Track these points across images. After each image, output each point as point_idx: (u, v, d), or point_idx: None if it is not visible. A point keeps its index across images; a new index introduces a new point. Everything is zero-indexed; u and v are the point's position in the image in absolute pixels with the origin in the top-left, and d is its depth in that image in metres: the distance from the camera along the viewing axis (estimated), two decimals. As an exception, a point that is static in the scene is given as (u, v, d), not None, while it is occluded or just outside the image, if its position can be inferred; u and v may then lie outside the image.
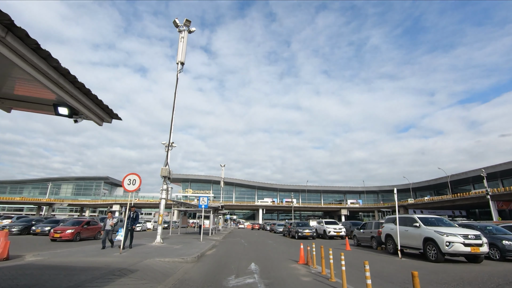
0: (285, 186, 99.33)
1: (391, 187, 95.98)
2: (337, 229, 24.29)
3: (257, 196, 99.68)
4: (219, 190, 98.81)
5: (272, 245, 18.39)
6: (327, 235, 24.36)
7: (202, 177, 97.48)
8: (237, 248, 15.77)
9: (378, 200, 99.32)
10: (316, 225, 26.83)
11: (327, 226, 24.76)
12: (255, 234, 34.74)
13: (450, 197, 68.77)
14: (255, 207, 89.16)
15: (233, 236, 29.19)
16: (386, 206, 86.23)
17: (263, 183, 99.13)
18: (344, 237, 24.49)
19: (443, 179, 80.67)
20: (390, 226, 13.82)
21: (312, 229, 24.46)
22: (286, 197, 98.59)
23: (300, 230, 24.13)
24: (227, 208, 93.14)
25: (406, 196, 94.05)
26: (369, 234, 16.49)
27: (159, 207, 15.99)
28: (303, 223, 26.92)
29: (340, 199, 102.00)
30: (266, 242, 20.56)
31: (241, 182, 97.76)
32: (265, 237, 28.25)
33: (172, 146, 16.89)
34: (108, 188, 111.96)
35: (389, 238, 13.56)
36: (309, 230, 24.16)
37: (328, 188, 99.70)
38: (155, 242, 15.34)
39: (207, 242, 16.98)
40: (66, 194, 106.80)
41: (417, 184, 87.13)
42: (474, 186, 77.11)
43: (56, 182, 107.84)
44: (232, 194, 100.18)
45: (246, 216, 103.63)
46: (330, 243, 19.86)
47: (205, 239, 20.35)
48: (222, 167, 56.02)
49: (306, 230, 24.08)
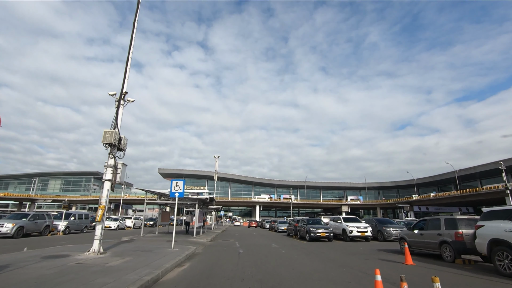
0: (283, 181, 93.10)
1: (393, 183, 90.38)
2: (362, 228, 18.06)
3: (254, 193, 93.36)
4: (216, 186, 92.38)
5: (282, 253, 12.07)
6: (348, 236, 18.12)
7: (196, 173, 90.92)
8: (227, 260, 9.43)
9: (379, 197, 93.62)
10: (332, 223, 20.57)
11: (348, 225, 18.51)
12: (253, 233, 28.43)
13: (457, 193, 63.18)
14: (252, 203, 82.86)
15: (226, 236, 22.86)
16: (389, 203, 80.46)
17: (260, 178, 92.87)
18: (369, 238, 18.30)
19: (448, 174, 75.20)
20: (498, 225, 7.54)
21: (328, 228, 18.22)
22: (284, 193, 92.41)
23: (312, 230, 17.88)
24: (222, 204, 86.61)
25: (407, 192, 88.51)
26: (435, 238, 10.20)
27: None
28: (315, 220, 20.64)
29: (340, 195, 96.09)
30: (271, 247, 14.27)
31: (237, 177, 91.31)
32: (267, 238, 21.93)
33: (127, 100, 10.47)
34: (98, 184, 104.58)
35: (500, 247, 7.31)
36: (325, 230, 17.91)
37: (327, 184, 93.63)
38: (89, 251, 8.95)
39: (182, 250, 10.62)
40: (54, 190, 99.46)
41: (421, 180, 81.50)
42: (481, 182, 71.77)
43: (44, 177, 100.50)
44: (228, 190, 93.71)
45: (242, 213, 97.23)
46: (357, 248, 13.62)
47: (185, 243, 13.97)
48: (216, 159, 49.54)
49: (321, 230, 17.84)
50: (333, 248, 14.01)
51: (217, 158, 50.24)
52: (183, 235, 20.43)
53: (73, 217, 21.98)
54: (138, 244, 13.04)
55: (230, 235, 24.91)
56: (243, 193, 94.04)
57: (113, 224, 29.47)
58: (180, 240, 16.15)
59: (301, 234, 20.02)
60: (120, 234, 22.49)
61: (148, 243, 13.38)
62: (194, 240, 16.88)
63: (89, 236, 19.63)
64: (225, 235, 23.98)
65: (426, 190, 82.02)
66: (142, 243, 13.35)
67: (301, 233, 20.14)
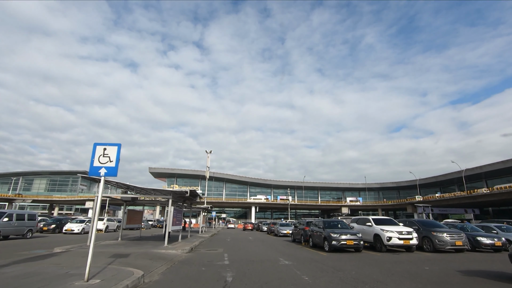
0: (279, 182, 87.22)
1: (394, 184, 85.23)
2: (404, 234, 12.41)
3: (249, 193, 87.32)
4: (210, 187, 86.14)
5: (305, 282, 6.32)
6: (384, 244, 12.48)
7: (189, 172, 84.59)
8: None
9: (379, 198, 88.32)
10: (358, 227, 14.83)
11: (384, 229, 12.85)
12: (249, 238, 22.64)
13: (465, 194, 58.23)
14: (248, 204, 76.89)
15: (214, 243, 17.04)
16: (391, 204, 75.28)
17: (256, 178, 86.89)
18: (413, 248, 12.69)
19: (452, 174, 70.26)
20: None
21: (357, 234, 12.55)
22: (281, 194, 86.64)
23: (334, 236, 12.20)
24: (216, 205, 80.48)
25: (408, 193, 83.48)
26: None
27: None
28: (334, 222, 14.85)
29: (338, 196, 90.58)
30: (279, 265, 8.51)
31: (232, 177, 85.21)
32: (268, 246, 16.16)
33: None
34: (86, 184, 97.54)
35: None
36: (352, 236, 12.25)
37: (325, 185, 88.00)
38: None
39: (108, 281, 4.86)
40: (39, 190, 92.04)
41: (423, 181, 76.42)
42: (487, 182, 66.98)
43: (28, 176, 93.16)
44: (222, 191, 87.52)
45: (237, 214, 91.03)
46: (417, 267, 7.89)
47: (137, 258, 8.16)
48: (207, 154, 43.72)
49: (346, 236, 12.16)
50: (378, 264, 8.37)
51: (209, 153, 44.41)
52: (155, 242, 14.60)
53: (7, 218, 15.92)
54: (29, 268, 7.21)
55: (220, 241, 19.09)
56: (238, 193, 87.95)
57: (76, 227, 23.40)
58: (137, 252, 10.33)
59: (315, 241, 14.30)
60: (74, 240, 16.51)
61: (50, 267, 7.56)
62: (162, 252, 11.06)
63: (16, 245, 13.64)
64: (213, 242, 18.14)
65: (428, 191, 77.02)
66: (41, 267, 7.52)
67: (314, 239, 14.42)
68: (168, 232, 12.74)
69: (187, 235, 19.29)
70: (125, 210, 16.18)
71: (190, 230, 20.43)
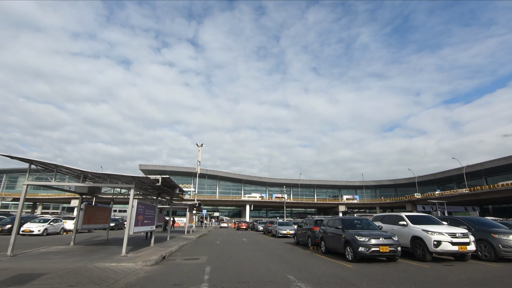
0: (274, 179, 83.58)
1: (391, 181, 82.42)
2: (459, 237, 8.80)
3: (243, 191, 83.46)
4: (203, 184, 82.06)
5: None
6: (430, 251, 8.83)
7: (181, 169, 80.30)
8: None
9: (376, 196, 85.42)
10: (386, 227, 11.12)
11: (428, 230, 9.20)
12: (243, 239, 18.85)
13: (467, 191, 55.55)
14: (242, 202, 73.03)
15: (197, 249, 13.20)
16: (389, 202, 72.39)
17: (250, 176, 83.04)
18: (467, 255, 9.09)
19: (451, 172, 67.62)
20: None
21: (392, 237, 8.90)
22: (276, 192, 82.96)
23: (361, 240, 8.53)
24: (210, 203, 76.55)
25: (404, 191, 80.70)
26: None
27: None
28: (356, 220, 11.06)
29: (334, 194, 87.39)
30: None
31: (226, 175, 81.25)
32: (267, 251, 12.40)
33: None
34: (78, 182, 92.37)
35: None
36: (387, 240, 8.62)
37: (321, 183, 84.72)
38: None
39: None
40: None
41: (422, 178, 73.63)
42: (487, 179, 64.49)
43: (12, 174, 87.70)
44: (216, 188, 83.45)
45: (231, 213, 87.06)
46: None
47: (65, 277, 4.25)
48: (199, 147, 39.79)
49: (378, 240, 8.52)
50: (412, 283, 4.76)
51: (200, 146, 40.48)
52: (116, 249, 10.73)
53: None
54: None
55: (207, 244, 15.26)
56: (232, 191, 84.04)
57: (36, 228, 19.20)
58: (66, 269, 6.44)
59: (330, 245, 10.62)
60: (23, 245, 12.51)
61: None
62: (111, 266, 7.20)
63: None
64: (199, 246, 14.31)
65: (426, 189, 74.35)
66: None
67: (329, 243, 10.72)
68: (127, 236, 8.86)
69: (167, 237, 15.40)
70: (81, 206, 12.24)
71: (171, 231, 16.53)
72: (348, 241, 9.16)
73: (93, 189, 12.00)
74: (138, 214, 9.64)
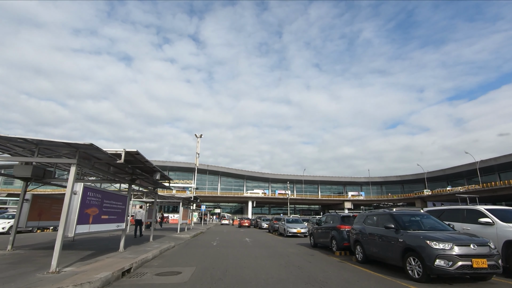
0: (277, 175, 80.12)
1: (398, 177, 78.72)
2: None
3: (246, 188, 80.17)
4: (204, 180, 78.86)
5: None
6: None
7: (182, 165, 76.97)
8: None
9: (382, 192, 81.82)
10: (467, 229, 7.63)
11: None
12: (246, 239, 15.46)
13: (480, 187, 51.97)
14: (244, 199, 69.76)
15: (186, 253, 9.82)
16: (397, 199, 68.77)
17: (253, 172, 79.70)
18: None
19: (461, 167, 63.98)
20: None
21: (487, 243, 5.48)
22: (279, 188, 79.71)
23: (438, 249, 5.13)
24: (211, 200, 73.32)
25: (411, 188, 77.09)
26: None
27: None
28: (413, 216, 7.63)
29: (339, 191, 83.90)
30: None
31: (227, 170, 77.90)
32: (280, 260, 9.00)
33: None
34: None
35: None
36: (481, 247, 5.19)
37: (326, 179, 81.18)
38: None
39: None
40: (22, 183, 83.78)
41: (431, 174, 69.92)
42: (500, 175, 60.71)
43: (9, 170, 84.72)
44: (217, 184, 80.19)
45: (233, 210, 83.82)
46: None
47: None
48: (197, 138, 36.48)
49: (465, 249, 5.12)
50: None
51: (199, 137, 37.13)
52: (64, 254, 7.39)
53: None
54: None
55: (201, 246, 11.91)
56: (234, 188, 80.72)
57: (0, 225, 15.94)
58: None
59: (376, 252, 7.19)
60: None
61: None
62: None
63: None
64: (189, 248, 10.95)
65: (435, 185, 70.57)
66: None
67: (372, 248, 7.31)
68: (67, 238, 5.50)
69: (149, 238, 12.04)
70: (25, 197, 8.92)
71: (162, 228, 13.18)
72: (410, 248, 5.73)
73: (41, 171, 8.65)
74: (88, 205, 6.27)
